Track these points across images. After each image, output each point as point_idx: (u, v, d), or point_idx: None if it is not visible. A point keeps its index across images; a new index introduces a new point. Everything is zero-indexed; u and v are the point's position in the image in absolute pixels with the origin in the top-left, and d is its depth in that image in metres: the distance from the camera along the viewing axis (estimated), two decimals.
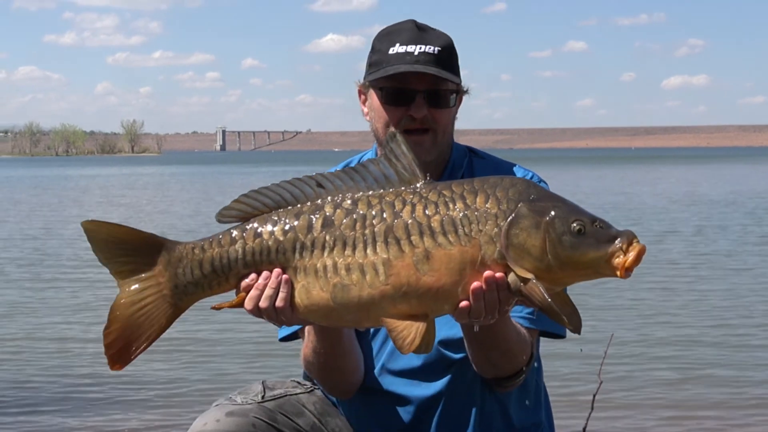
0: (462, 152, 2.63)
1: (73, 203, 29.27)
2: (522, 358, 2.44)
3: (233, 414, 2.43)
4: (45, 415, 6.10)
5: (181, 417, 5.87)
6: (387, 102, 2.46)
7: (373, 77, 2.46)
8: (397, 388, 2.54)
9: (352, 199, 2.03)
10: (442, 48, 2.45)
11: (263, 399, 2.51)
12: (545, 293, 1.93)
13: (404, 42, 2.45)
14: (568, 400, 6.07)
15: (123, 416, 6.01)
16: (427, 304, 1.98)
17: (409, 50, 2.43)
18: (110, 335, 2.07)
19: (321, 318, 2.07)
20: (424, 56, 2.42)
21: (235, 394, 2.54)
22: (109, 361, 2.08)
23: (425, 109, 2.43)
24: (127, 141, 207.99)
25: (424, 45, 2.44)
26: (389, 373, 2.54)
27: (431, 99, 2.44)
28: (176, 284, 2.09)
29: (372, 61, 2.51)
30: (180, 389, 6.46)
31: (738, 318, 9.16)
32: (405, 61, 2.42)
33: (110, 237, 2.09)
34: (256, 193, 2.09)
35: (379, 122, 2.49)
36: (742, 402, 6.41)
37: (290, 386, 2.62)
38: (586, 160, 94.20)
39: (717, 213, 22.05)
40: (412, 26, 2.49)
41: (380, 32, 2.54)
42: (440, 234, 1.96)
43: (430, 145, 2.46)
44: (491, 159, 2.66)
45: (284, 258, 2.04)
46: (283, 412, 2.51)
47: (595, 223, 1.95)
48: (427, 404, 2.53)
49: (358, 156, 2.72)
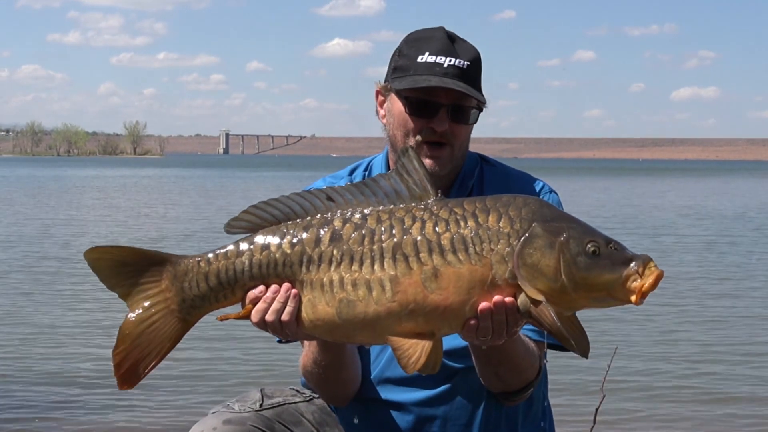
0: (473, 160, 2.61)
1: (68, 205, 29.31)
2: (531, 373, 2.43)
3: (230, 422, 2.41)
4: (45, 422, 6.08)
5: (177, 424, 5.84)
6: (411, 112, 2.44)
7: (401, 85, 2.43)
8: (396, 396, 2.51)
9: (361, 214, 2.02)
10: (470, 62, 2.44)
11: (261, 407, 2.49)
12: (555, 316, 1.91)
13: (434, 52, 2.42)
14: (570, 412, 6.03)
15: (119, 422, 5.98)
16: (434, 322, 1.96)
17: (439, 61, 2.41)
18: (119, 355, 2.06)
19: (326, 333, 2.05)
20: (453, 69, 2.40)
21: (233, 402, 2.51)
22: (118, 381, 2.08)
23: (447, 123, 2.42)
24: (130, 142, 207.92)
25: (454, 58, 2.42)
26: (388, 381, 2.52)
27: (454, 114, 2.43)
28: (183, 298, 2.08)
29: (398, 65, 2.48)
30: (177, 395, 6.44)
31: (746, 333, 9.13)
32: (433, 72, 2.40)
33: (113, 262, 2.08)
34: (265, 204, 2.08)
35: (399, 130, 2.47)
36: (748, 419, 6.37)
37: (289, 394, 2.60)
38: (593, 171, 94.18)
39: (725, 227, 22.01)
40: (443, 35, 2.46)
41: (409, 36, 2.51)
42: (450, 252, 1.94)
43: (447, 159, 2.45)
44: (502, 167, 2.64)
45: (291, 271, 2.03)
46: (281, 420, 2.49)
47: (610, 245, 1.93)
48: (427, 414, 2.50)
49: (367, 160, 2.69)
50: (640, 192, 43.38)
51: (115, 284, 2.08)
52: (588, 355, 1.95)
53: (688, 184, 55.69)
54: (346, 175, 2.65)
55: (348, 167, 2.68)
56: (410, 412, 2.51)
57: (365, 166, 2.66)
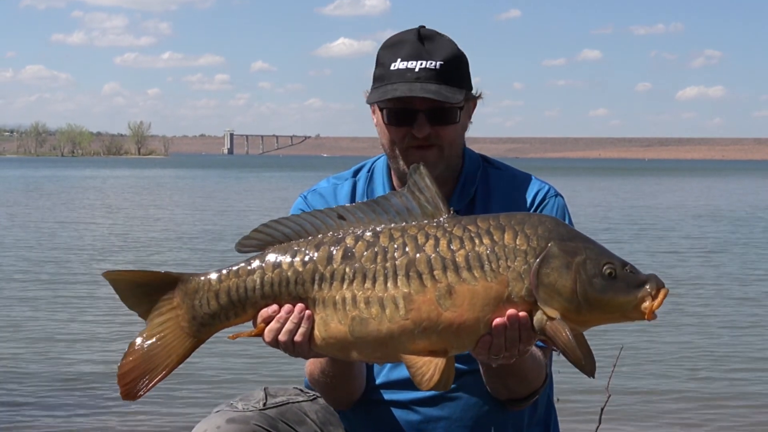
0: (476, 162, 2.57)
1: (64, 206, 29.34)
2: (538, 383, 2.43)
3: (234, 421, 2.40)
4: (44, 419, 6.08)
5: (181, 423, 5.85)
6: (389, 123, 2.42)
7: (373, 98, 2.42)
8: (400, 398, 2.50)
9: (373, 232, 2.02)
10: (445, 61, 2.38)
11: (265, 406, 2.48)
12: (570, 334, 1.92)
13: (406, 57, 2.38)
14: (575, 412, 6.02)
15: (122, 420, 5.99)
16: (448, 340, 1.96)
17: (410, 66, 2.37)
18: (125, 366, 2.10)
19: (338, 351, 2.05)
20: (425, 72, 2.36)
21: (236, 401, 2.51)
22: (122, 392, 2.11)
23: (428, 128, 2.38)
24: (134, 143, 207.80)
25: (426, 60, 2.37)
26: (391, 383, 2.51)
27: (434, 117, 2.39)
28: (194, 316, 2.10)
29: (375, 74, 2.46)
30: (181, 394, 6.44)
31: (753, 333, 9.11)
32: (405, 78, 2.36)
33: (131, 284, 2.13)
34: (275, 223, 2.08)
35: (384, 138, 2.46)
36: (754, 418, 6.35)
37: (292, 393, 2.59)
38: (598, 171, 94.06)
39: (730, 228, 21.96)
40: (415, 38, 2.41)
41: (385, 42, 2.48)
42: (465, 269, 1.95)
43: (435, 159, 2.40)
44: (507, 171, 2.60)
45: (303, 289, 2.03)
46: (284, 420, 2.49)
47: (625, 268, 1.96)
48: (432, 414, 2.49)
49: (371, 161, 2.66)
50: (647, 192, 43.30)
51: (134, 304, 2.14)
52: (594, 374, 1.96)
53: (692, 184, 55.60)
54: (350, 176, 2.63)
55: (352, 168, 2.67)
56: (416, 413, 2.49)
57: (369, 167, 2.64)
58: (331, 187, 2.61)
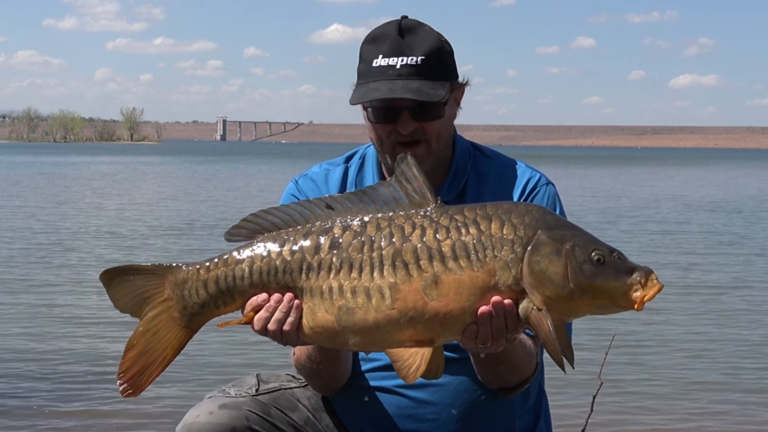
0: (466, 151, 2.56)
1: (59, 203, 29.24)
2: (528, 371, 2.44)
3: (226, 407, 2.42)
4: (40, 400, 6.08)
5: (173, 408, 5.85)
6: (374, 121, 2.42)
7: (355, 98, 2.40)
8: (387, 384, 2.50)
9: (360, 221, 2.03)
10: (426, 55, 2.37)
11: (257, 392, 2.50)
12: (551, 326, 1.93)
13: (386, 53, 2.37)
14: (567, 401, 6.03)
15: (114, 407, 5.98)
16: (434, 329, 1.97)
17: (391, 63, 2.36)
18: (125, 363, 2.12)
19: (325, 340, 2.06)
20: (406, 69, 2.35)
21: (228, 387, 2.52)
22: (121, 389, 2.13)
23: (413, 124, 2.38)
24: (126, 129, 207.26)
25: (407, 56, 2.36)
26: (380, 368, 2.50)
27: (418, 114, 2.38)
28: (184, 306, 2.12)
29: (359, 70, 2.45)
30: (173, 380, 6.43)
31: (748, 321, 9.14)
32: (387, 75, 2.36)
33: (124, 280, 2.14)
34: (264, 212, 2.10)
35: (371, 135, 2.46)
36: (746, 407, 6.37)
37: (285, 380, 2.60)
38: (591, 159, 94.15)
39: (721, 216, 22.00)
40: (395, 32, 2.39)
41: (367, 36, 2.46)
42: (451, 259, 1.96)
43: (424, 154, 2.40)
44: (498, 159, 2.59)
45: (291, 278, 2.04)
46: (277, 406, 2.50)
47: (613, 254, 1.98)
48: (418, 402, 2.49)
49: (363, 148, 2.66)
50: (640, 180, 43.36)
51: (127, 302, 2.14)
52: (573, 366, 1.98)
53: (687, 173, 55.69)
54: (342, 162, 2.64)
55: (344, 155, 2.67)
56: (405, 398, 2.49)
57: (361, 154, 2.64)
58: (323, 172, 2.62)
